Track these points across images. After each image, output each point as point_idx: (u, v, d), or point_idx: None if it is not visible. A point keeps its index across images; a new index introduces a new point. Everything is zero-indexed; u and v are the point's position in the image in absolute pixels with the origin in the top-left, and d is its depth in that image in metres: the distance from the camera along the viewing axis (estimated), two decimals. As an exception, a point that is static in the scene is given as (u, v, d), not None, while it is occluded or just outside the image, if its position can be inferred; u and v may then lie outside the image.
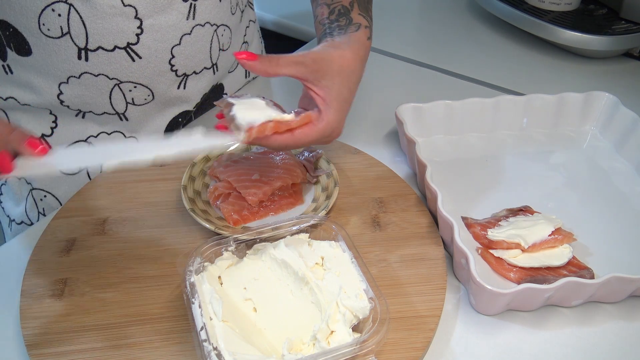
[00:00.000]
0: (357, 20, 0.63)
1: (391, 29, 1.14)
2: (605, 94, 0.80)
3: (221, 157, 0.70)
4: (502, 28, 1.12)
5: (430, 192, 0.64)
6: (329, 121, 0.58)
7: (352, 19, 0.63)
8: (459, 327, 0.56)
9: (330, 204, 0.65)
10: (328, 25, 0.64)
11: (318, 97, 0.58)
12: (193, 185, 0.68)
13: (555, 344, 0.55)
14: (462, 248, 0.56)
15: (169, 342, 0.53)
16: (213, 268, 0.55)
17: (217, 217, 0.65)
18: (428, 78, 0.98)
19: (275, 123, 0.55)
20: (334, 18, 0.65)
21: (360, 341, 0.48)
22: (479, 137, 0.81)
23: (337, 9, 0.65)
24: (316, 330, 0.48)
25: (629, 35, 0.98)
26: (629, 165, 0.76)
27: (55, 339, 0.53)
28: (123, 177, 0.72)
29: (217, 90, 0.85)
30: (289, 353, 0.48)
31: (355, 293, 0.51)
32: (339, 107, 0.58)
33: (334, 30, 0.63)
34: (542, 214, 0.66)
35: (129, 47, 0.69)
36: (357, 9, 0.65)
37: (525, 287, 0.53)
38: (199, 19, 0.73)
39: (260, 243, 0.58)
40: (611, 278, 0.54)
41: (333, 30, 0.63)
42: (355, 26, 0.62)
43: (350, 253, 0.56)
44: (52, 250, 0.62)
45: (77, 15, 0.65)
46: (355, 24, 0.63)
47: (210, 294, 0.51)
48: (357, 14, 0.64)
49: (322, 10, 0.67)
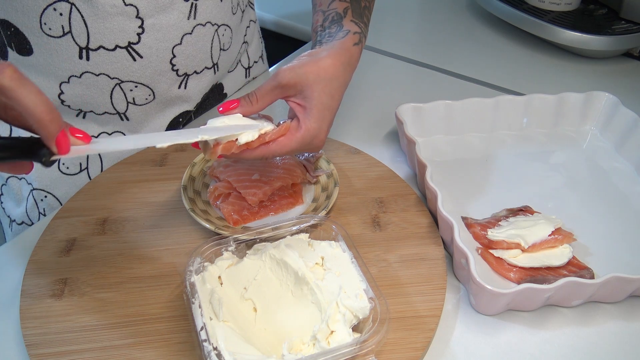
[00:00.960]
0: (348, 26, 0.63)
1: (391, 29, 1.14)
2: (605, 94, 0.80)
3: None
4: (502, 28, 1.12)
5: (430, 192, 0.64)
6: (307, 129, 0.58)
7: (343, 25, 0.63)
8: (459, 327, 0.56)
9: (330, 204, 0.65)
10: (320, 32, 0.64)
11: (297, 106, 0.58)
12: (193, 185, 0.68)
13: (555, 344, 0.55)
14: (462, 248, 0.56)
15: (169, 342, 0.53)
16: (213, 268, 0.55)
17: (217, 217, 0.65)
18: (428, 78, 0.98)
19: (242, 140, 0.55)
20: (327, 25, 0.65)
21: (360, 341, 0.48)
22: (479, 137, 0.80)
23: (330, 16, 0.65)
24: (316, 330, 0.48)
25: (629, 35, 0.98)
26: (629, 165, 0.76)
27: (55, 339, 0.53)
28: (123, 177, 0.72)
29: (216, 90, 0.85)
30: (289, 353, 0.48)
31: (355, 293, 0.51)
32: (318, 114, 0.58)
33: (324, 37, 0.63)
34: (542, 214, 0.66)
35: (130, 46, 0.69)
36: (351, 15, 0.65)
37: (525, 287, 0.53)
38: (200, 18, 0.73)
39: (260, 243, 0.58)
40: (611, 278, 0.54)
41: (323, 38, 0.63)
42: (344, 32, 0.62)
43: (350, 253, 0.56)
44: (52, 250, 0.62)
45: (79, 14, 0.65)
46: (344, 30, 0.63)
47: (210, 294, 0.51)
48: (349, 21, 0.64)
49: (317, 17, 0.67)
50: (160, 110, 0.78)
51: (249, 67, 0.92)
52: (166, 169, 0.73)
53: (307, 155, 0.72)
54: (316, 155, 0.72)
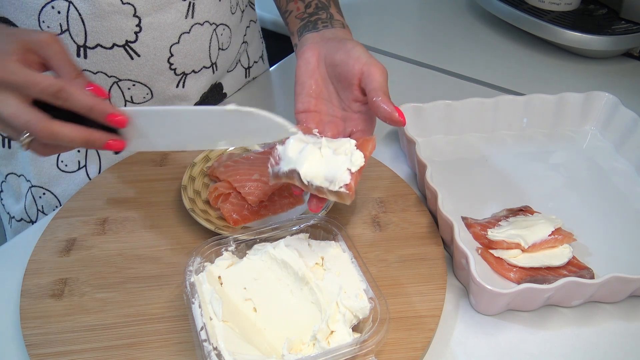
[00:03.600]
0: (338, 17, 0.63)
1: (391, 29, 1.14)
2: (605, 94, 0.80)
3: (221, 157, 0.70)
4: (502, 28, 1.12)
5: (430, 192, 0.64)
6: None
7: (333, 15, 0.63)
8: (459, 327, 0.56)
9: (331, 204, 0.65)
10: (308, 18, 0.64)
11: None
12: (193, 185, 0.68)
13: (555, 344, 0.55)
14: (462, 248, 0.56)
15: (169, 342, 0.53)
16: (213, 268, 0.54)
17: (217, 217, 0.65)
18: (428, 78, 0.98)
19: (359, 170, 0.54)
20: (313, 11, 0.64)
21: (360, 341, 0.48)
22: (479, 137, 0.80)
23: (313, 3, 0.65)
24: (316, 330, 0.48)
25: (629, 35, 0.98)
26: (629, 165, 0.76)
27: (55, 339, 0.53)
28: (123, 177, 0.72)
29: (215, 89, 0.85)
30: (289, 353, 0.48)
31: (355, 293, 0.51)
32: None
33: (316, 23, 0.62)
34: (542, 213, 0.66)
35: (127, 45, 0.69)
36: (334, 6, 0.65)
37: (525, 287, 0.53)
38: (197, 17, 0.73)
39: (260, 243, 0.58)
40: (611, 278, 0.54)
41: (316, 23, 0.62)
42: (339, 23, 0.62)
43: (350, 253, 0.56)
44: (52, 250, 0.62)
45: (76, 12, 0.65)
46: (338, 20, 0.62)
47: (210, 294, 0.51)
48: (335, 11, 0.64)
49: (296, 5, 0.67)
50: (159, 110, 0.78)
51: (249, 67, 0.92)
52: (166, 169, 0.73)
53: None
54: None
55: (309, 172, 0.53)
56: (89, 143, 0.53)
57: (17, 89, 0.49)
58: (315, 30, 0.63)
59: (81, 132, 0.51)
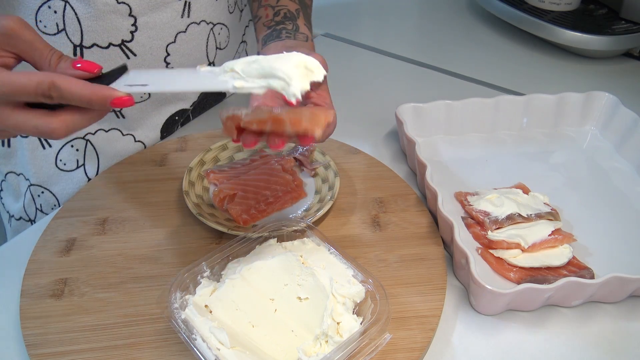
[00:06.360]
0: (303, 30, 0.63)
1: (391, 29, 1.14)
2: (605, 94, 0.80)
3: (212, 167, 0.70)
4: (502, 28, 1.12)
5: (430, 192, 0.64)
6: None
7: (299, 26, 0.63)
8: (459, 327, 0.56)
9: (335, 193, 0.65)
10: (274, 26, 0.64)
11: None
12: (194, 190, 0.68)
13: (555, 344, 0.55)
14: (462, 248, 0.56)
15: (168, 342, 0.53)
16: (197, 299, 0.52)
17: (225, 218, 0.65)
18: (428, 78, 0.98)
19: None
20: (280, 20, 0.64)
21: (370, 323, 0.49)
22: (479, 137, 0.81)
23: (282, 12, 0.65)
24: (325, 328, 0.48)
25: (629, 35, 0.98)
26: (629, 165, 0.76)
27: (55, 339, 0.53)
28: (123, 177, 0.72)
29: (215, 89, 0.85)
30: (307, 357, 0.47)
31: (346, 280, 0.52)
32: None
33: (280, 32, 0.62)
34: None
35: (123, 44, 0.69)
36: (303, 19, 0.65)
37: (525, 287, 0.53)
38: (194, 17, 0.73)
39: (232, 261, 0.56)
40: (611, 278, 0.54)
41: (280, 32, 0.62)
42: (304, 36, 0.62)
43: (327, 245, 0.56)
44: (52, 250, 0.62)
45: (72, 12, 0.65)
46: (303, 33, 0.62)
47: (207, 325, 0.49)
48: (302, 24, 0.64)
49: (266, 11, 0.67)
50: (156, 108, 0.79)
51: (249, 67, 0.92)
52: (166, 169, 0.73)
53: (302, 150, 0.72)
54: (309, 148, 0.72)
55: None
56: (101, 104, 0.45)
57: (5, 99, 0.44)
58: (278, 40, 0.64)
59: (88, 100, 0.45)
